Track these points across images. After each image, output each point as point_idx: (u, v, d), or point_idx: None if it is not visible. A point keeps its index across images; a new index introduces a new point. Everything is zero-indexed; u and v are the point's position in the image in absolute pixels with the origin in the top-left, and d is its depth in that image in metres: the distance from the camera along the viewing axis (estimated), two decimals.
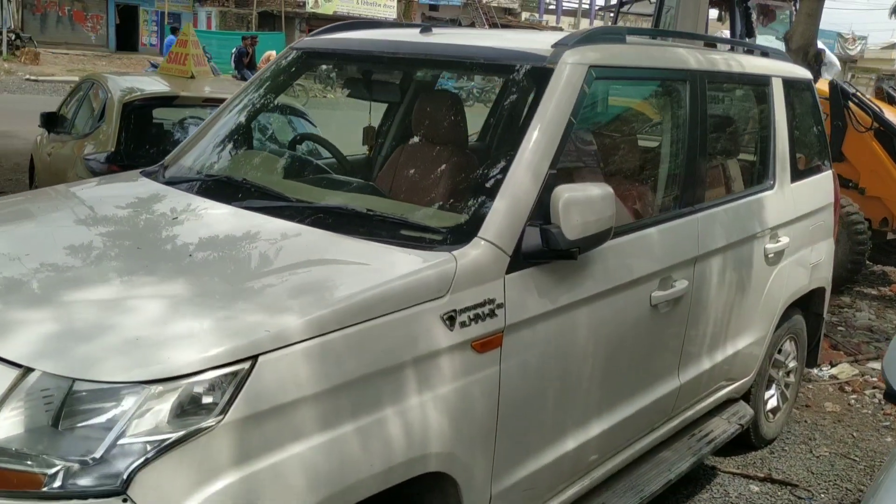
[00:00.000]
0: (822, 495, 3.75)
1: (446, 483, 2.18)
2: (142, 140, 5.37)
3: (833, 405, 4.82)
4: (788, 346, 4.16)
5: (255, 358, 1.72)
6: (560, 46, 2.63)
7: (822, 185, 4.16)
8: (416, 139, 3.07)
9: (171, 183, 2.83)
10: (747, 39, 7.78)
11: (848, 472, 3.99)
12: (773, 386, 4.13)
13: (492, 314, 2.20)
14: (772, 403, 4.13)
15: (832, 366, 5.47)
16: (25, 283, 1.98)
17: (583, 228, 2.29)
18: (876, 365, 5.49)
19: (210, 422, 1.65)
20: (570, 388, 2.54)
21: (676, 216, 3.00)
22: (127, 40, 29.94)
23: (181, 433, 1.62)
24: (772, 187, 3.67)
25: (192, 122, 5.57)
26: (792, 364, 4.24)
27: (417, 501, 2.20)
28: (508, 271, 2.26)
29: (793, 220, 3.80)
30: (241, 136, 3.23)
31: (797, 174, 3.88)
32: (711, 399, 3.54)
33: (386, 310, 1.96)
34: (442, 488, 2.20)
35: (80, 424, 1.63)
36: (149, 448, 1.60)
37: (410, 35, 3.07)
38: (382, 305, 1.95)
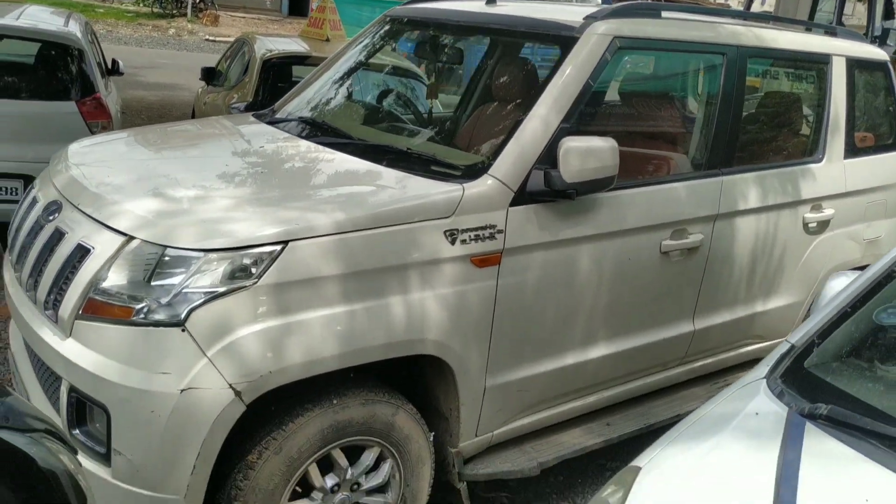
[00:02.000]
0: None
1: (445, 370, 2.72)
2: (276, 92, 6.16)
3: None
4: None
5: (286, 243, 2.32)
6: (590, 18, 3.03)
7: (887, 164, 4.26)
8: (473, 96, 3.57)
9: (272, 123, 3.51)
10: (884, 23, 7.61)
11: None
12: None
13: (492, 237, 2.69)
14: None
15: None
16: (135, 183, 2.69)
17: (580, 174, 2.72)
18: None
19: (248, 283, 2.27)
20: (569, 313, 2.98)
21: (698, 176, 3.33)
22: (298, 5, 31.79)
23: (226, 288, 2.25)
24: (820, 160, 3.87)
25: None
26: None
27: (428, 386, 2.76)
28: (513, 204, 2.73)
29: (842, 194, 3.97)
30: (334, 89, 3.86)
31: (854, 151, 4.04)
32: (736, 353, 3.83)
33: (396, 221, 2.50)
34: (443, 374, 2.74)
35: (164, 280, 2.29)
36: (203, 296, 2.24)
37: (477, 6, 3.56)
38: (392, 217, 2.50)
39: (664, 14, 3.27)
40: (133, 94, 11.04)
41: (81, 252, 2.43)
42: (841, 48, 4.00)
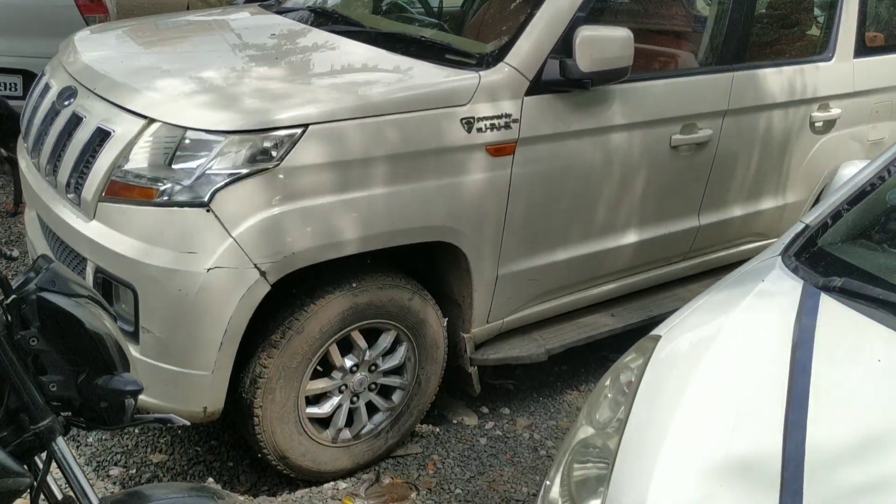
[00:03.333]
0: None
1: (459, 257, 2.78)
2: None
3: None
4: None
5: (306, 126, 2.34)
6: None
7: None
8: None
9: (281, 13, 3.46)
10: None
11: None
12: None
13: (507, 126, 2.71)
14: None
15: None
16: (155, 66, 2.68)
17: (596, 63, 2.72)
18: None
19: (269, 165, 2.29)
20: (579, 204, 3.03)
21: (710, 71, 3.32)
22: None
23: (248, 170, 2.28)
24: (830, 59, 3.85)
25: None
26: None
27: (442, 273, 2.84)
28: (528, 94, 2.74)
29: (850, 94, 3.97)
30: None
31: (864, 50, 4.01)
32: (738, 250, 3.90)
33: (414, 107, 2.52)
34: (457, 262, 2.80)
35: (186, 163, 2.31)
36: (227, 177, 2.27)
37: None
38: (410, 104, 2.51)
39: None
40: None
41: (101, 135, 2.45)
42: None
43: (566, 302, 3.24)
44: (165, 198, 2.30)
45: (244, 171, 2.28)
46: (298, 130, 2.33)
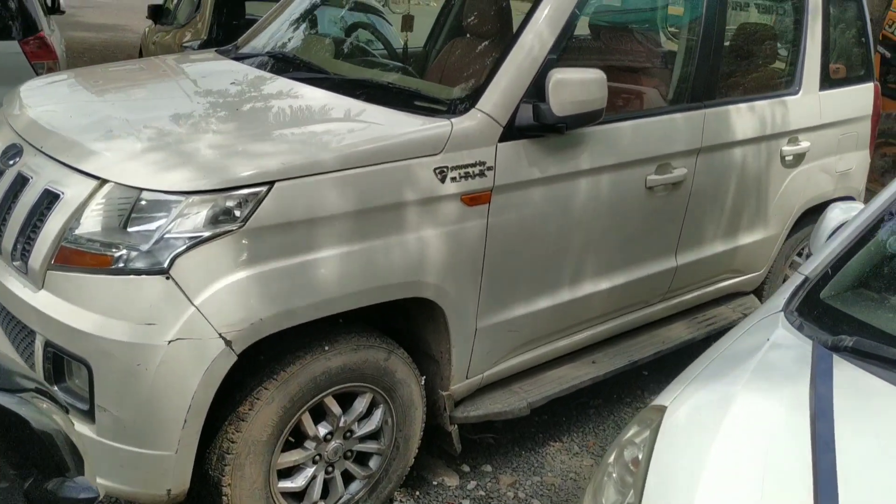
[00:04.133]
0: None
1: (436, 312, 2.65)
2: (232, 31, 5.89)
3: None
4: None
5: (271, 183, 2.19)
6: None
7: (859, 96, 4.26)
8: (461, 32, 3.43)
9: (239, 59, 3.32)
10: None
11: None
12: None
13: (481, 174, 2.60)
14: None
15: None
16: (106, 123, 2.52)
17: (570, 106, 2.63)
18: None
19: (234, 227, 2.14)
20: (557, 250, 2.92)
21: (682, 109, 3.26)
22: None
23: (211, 233, 2.12)
24: (797, 92, 3.84)
25: None
26: None
27: (417, 329, 2.70)
28: (501, 140, 2.64)
29: (817, 127, 3.96)
30: (302, 23, 3.67)
31: (829, 83, 4.01)
32: (714, 288, 3.84)
33: (384, 159, 2.39)
34: (434, 317, 2.67)
35: (141, 226, 2.15)
36: (187, 242, 2.11)
37: None
38: (381, 155, 2.39)
39: None
40: (74, 35, 10.52)
41: (49, 198, 2.28)
42: None
43: (546, 351, 3.12)
44: (121, 265, 2.13)
45: (206, 233, 2.13)
46: (263, 188, 2.19)
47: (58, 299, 2.18)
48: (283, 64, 3.17)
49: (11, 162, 2.52)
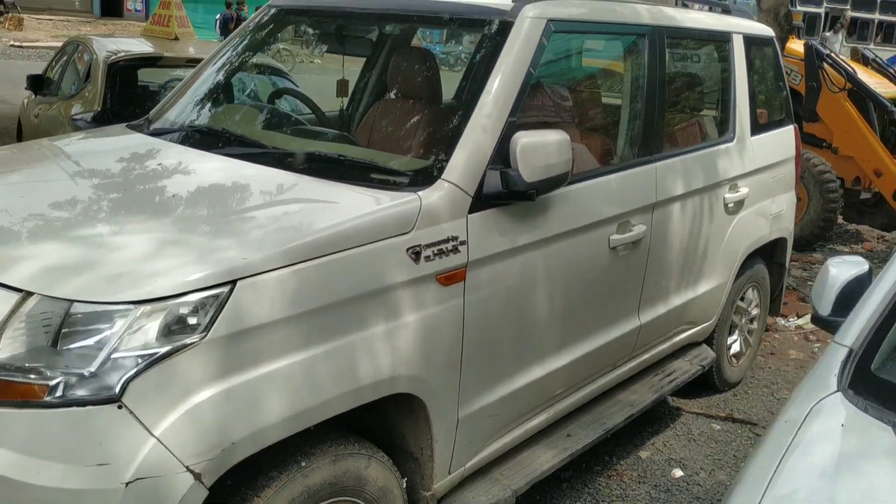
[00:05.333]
0: None
1: (416, 406, 2.38)
2: (127, 100, 5.49)
3: (797, 353, 5.06)
4: (751, 293, 4.37)
5: (233, 283, 1.89)
6: (519, 1, 2.78)
7: (783, 139, 4.34)
8: (390, 94, 3.22)
9: (156, 134, 2.99)
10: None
11: None
12: (736, 332, 4.34)
13: (455, 250, 2.38)
14: (735, 348, 4.35)
15: (799, 317, 5.70)
16: (21, 224, 2.15)
17: (540, 171, 2.46)
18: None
19: (194, 338, 1.82)
20: (533, 323, 2.73)
21: (635, 164, 3.17)
22: (111, 6, 29.65)
23: (168, 348, 1.80)
24: (732, 139, 3.85)
25: (177, 82, 5.69)
26: (755, 311, 4.45)
27: (393, 425, 2.42)
28: (471, 211, 2.43)
29: (752, 172, 3.98)
30: (223, 91, 3.37)
31: (758, 128, 4.06)
32: (672, 342, 3.74)
33: (354, 243, 2.13)
34: (413, 411, 2.40)
35: (77, 343, 1.80)
36: (139, 361, 1.78)
37: None
38: (351, 239, 2.13)
39: None
40: None
41: None
42: (738, 25, 4.00)
43: (524, 430, 2.89)
44: (58, 394, 1.76)
45: (162, 349, 1.80)
46: (224, 289, 1.88)
47: None
48: (211, 138, 2.86)
49: None
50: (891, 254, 7.83)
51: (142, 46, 6.11)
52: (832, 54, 7.45)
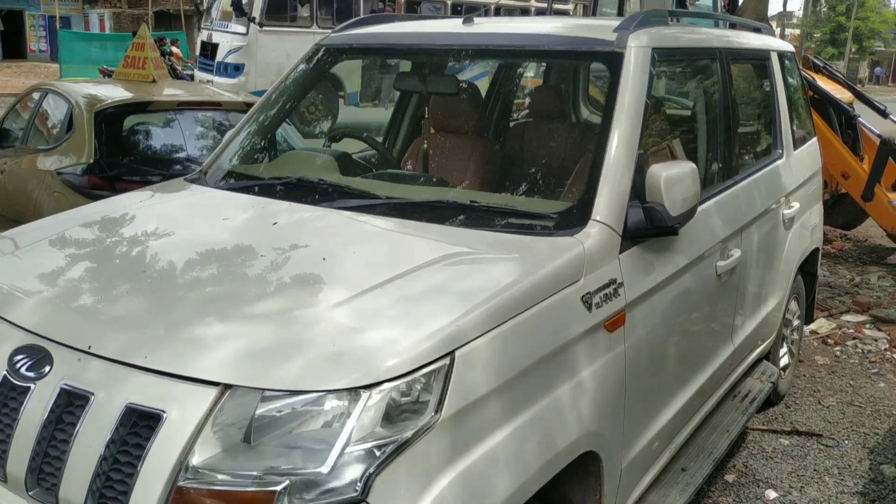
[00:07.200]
0: (846, 441, 4.00)
1: (588, 461, 2.24)
2: (118, 149, 5.15)
3: (822, 358, 5.13)
4: (794, 304, 4.41)
5: (452, 353, 1.72)
6: (622, 31, 2.70)
7: (813, 152, 4.41)
8: (510, 132, 3.10)
9: (240, 189, 2.76)
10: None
11: (859, 418, 4.27)
12: (784, 344, 4.36)
13: (615, 293, 2.26)
14: (784, 361, 4.36)
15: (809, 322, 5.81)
16: (178, 303, 1.92)
17: (680, 204, 2.38)
18: (848, 317, 5.86)
19: (428, 420, 1.64)
20: (669, 360, 2.64)
21: (725, 188, 3.13)
22: (14, 47, 28.30)
23: (408, 434, 1.61)
24: (781, 156, 3.88)
25: (169, 128, 5.38)
26: (796, 322, 4.49)
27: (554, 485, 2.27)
28: (621, 251, 2.33)
29: (799, 187, 4.02)
30: (285, 137, 3.17)
31: (796, 143, 4.11)
32: (747, 361, 3.72)
33: (542, 296, 1.99)
34: (581, 467, 2.25)
35: (300, 440, 1.60)
36: (379, 453, 1.59)
37: (456, 26, 3.07)
38: (539, 292, 1.99)
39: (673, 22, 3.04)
40: None
41: (136, 419, 1.65)
42: (772, 44, 4.05)
43: (654, 473, 2.78)
44: (289, 499, 1.55)
45: (400, 436, 1.61)
46: (446, 361, 1.71)
47: None
48: (307, 191, 2.65)
49: (31, 373, 1.84)
50: (861, 252, 8.16)
51: (119, 91, 5.74)
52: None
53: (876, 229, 8.18)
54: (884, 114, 7.76)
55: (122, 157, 5.15)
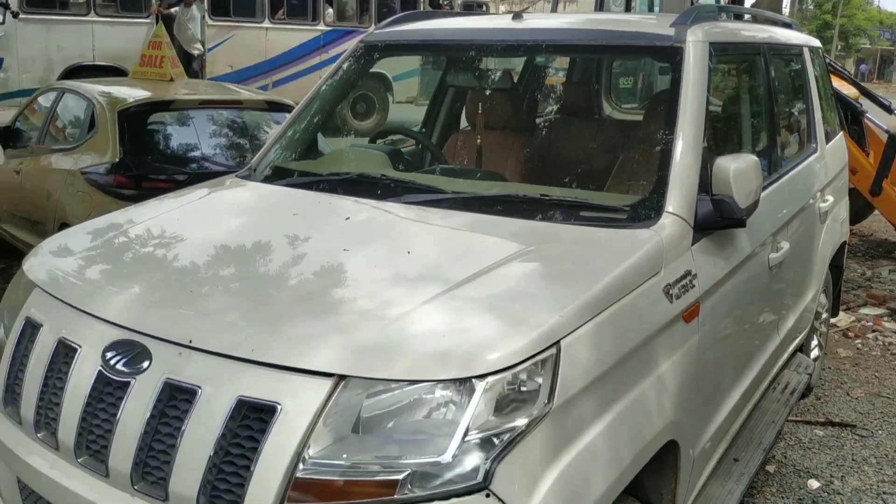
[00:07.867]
0: (880, 431, 4.05)
1: (665, 451, 2.26)
2: (141, 147, 5.13)
3: (845, 350, 5.19)
4: (823, 297, 4.45)
5: (557, 343, 1.74)
6: (680, 25, 2.73)
7: (840, 146, 4.46)
8: (560, 125, 3.11)
9: (297, 185, 2.76)
10: None
11: (889, 408, 4.32)
12: (815, 336, 4.41)
13: (691, 285, 2.29)
14: (815, 353, 4.41)
15: None
16: (269, 294, 1.92)
17: (748, 196, 2.41)
18: (866, 311, 5.93)
19: (541, 410, 1.66)
20: (733, 350, 2.67)
21: (773, 181, 3.17)
22: None
23: (522, 424, 1.62)
24: (816, 150, 3.92)
25: (190, 126, 5.37)
26: (825, 315, 4.54)
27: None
28: (693, 242, 2.35)
29: (831, 181, 4.06)
30: (335, 133, 3.18)
31: (827, 137, 4.16)
32: (788, 352, 3.75)
33: (629, 288, 2.01)
34: (659, 457, 2.27)
35: (415, 430, 1.61)
36: (496, 442, 1.60)
37: (506, 22, 3.09)
38: (626, 284, 2.01)
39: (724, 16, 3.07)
40: None
41: (246, 411, 1.66)
42: (804, 39, 4.09)
43: (713, 463, 2.81)
44: (407, 490, 1.56)
45: (517, 424, 1.62)
46: (553, 351, 1.73)
47: None
48: (371, 186, 2.65)
49: (126, 369, 1.84)
50: (868, 247, 8.24)
51: (138, 90, 5.72)
52: None
53: (880, 224, 8.27)
54: (889, 109, 7.84)
55: (145, 155, 5.13)
